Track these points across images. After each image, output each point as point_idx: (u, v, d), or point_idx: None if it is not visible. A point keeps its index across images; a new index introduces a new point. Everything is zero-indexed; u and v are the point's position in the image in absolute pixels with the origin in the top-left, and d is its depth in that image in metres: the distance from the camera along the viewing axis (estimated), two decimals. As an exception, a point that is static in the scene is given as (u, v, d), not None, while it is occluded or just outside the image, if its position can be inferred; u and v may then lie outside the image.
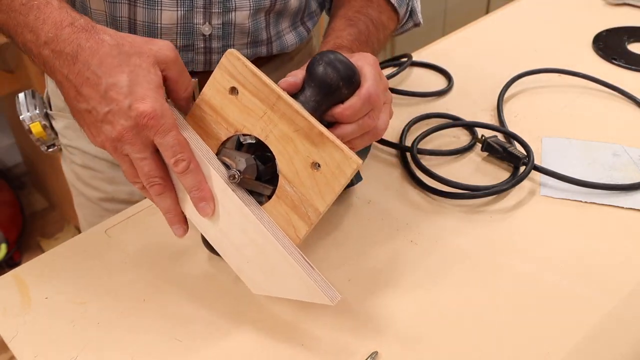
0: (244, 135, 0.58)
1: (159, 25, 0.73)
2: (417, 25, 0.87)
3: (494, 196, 0.76)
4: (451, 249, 0.69)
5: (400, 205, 0.75)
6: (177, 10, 0.73)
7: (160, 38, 0.74)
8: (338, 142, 0.54)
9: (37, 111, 0.87)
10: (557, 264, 0.67)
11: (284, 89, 0.57)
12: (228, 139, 0.59)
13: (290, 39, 0.84)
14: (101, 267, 0.67)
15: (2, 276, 0.67)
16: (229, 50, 0.55)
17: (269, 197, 0.58)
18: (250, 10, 0.75)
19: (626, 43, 1.08)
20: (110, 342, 0.60)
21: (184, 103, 0.59)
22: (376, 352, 0.58)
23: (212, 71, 0.79)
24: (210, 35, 0.75)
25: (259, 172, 0.59)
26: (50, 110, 0.88)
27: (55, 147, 0.92)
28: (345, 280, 0.66)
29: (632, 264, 0.67)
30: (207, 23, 0.74)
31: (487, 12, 2.51)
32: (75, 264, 0.68)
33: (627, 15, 1.18)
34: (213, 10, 0.74)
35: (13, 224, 1.99)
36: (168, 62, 0.55)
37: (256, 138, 0.57)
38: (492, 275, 0.66)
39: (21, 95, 0.87)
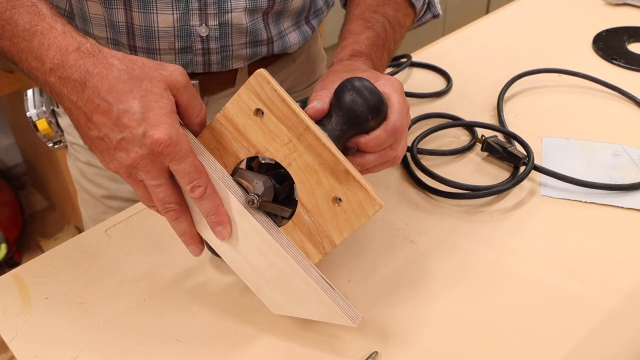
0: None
1: (156, 28, 0.73)
2: (435, 16, 0.86)
3: (494, 196, 0.76)
4: (451, 249, 0.69)
5: (400, 205, 0.75)
6: (173, 13, 0.72)
7: (159, 41, 0.74)
8: (363, 181, 0.54)
9: (44, 108, 0.86)
10: (557, 264, 0.67)
11: (310, 116, 0.56)
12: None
13: (293, 38, 0.84)
14: (101, 267, 0.67)
15: (2, 276, 0.67)
16: (258, 70, 0.53)
17: (284, 217, 0.58)
18: (245, 10, 0.75)
19: (626, 43, 1.08)
20: (110, 342, 0.60)
21: (196, 129, 0.57)
22: (376, 352, 0.58)
23: (213, 72, 0.79)
24: (207, 36, 0.75)
25: (275, 192, 0.58)
26: (57, 107, 0.89)
27: (61, 144, 0.92)
28: (345, 280, 0.66)
29: (632, 264, 0.67)
30: (203, 24, 0.74)
31: (487, 12, 2.52)
32: (75, 264, 0.68)
33: (627, 15, 1.18)
34: (209, 12, 0.73)
35: (13, 224, 1.99)
36: (179, 88, 0.54)
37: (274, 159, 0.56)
38: (492, 275, 0.66)
39: (29, 92, 0.87)
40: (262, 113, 0.54)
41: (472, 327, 0.61)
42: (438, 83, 0.99)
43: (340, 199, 0.54)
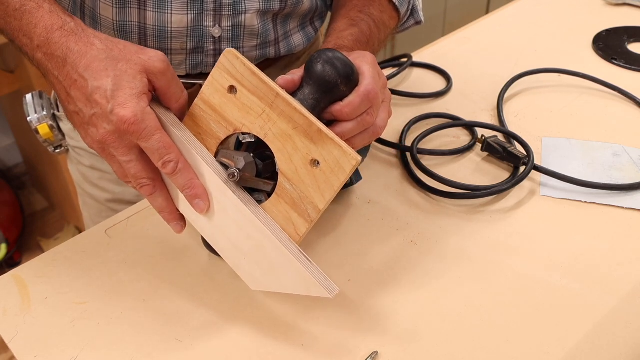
0: (243, 134, 0.58)
1: (169, 28, 0.73)
2: (418, 23, 0.87)
3: (494, 196, 0.76)
4: (451, 249, 0.69)
5: (400, 205, 0.75)
6: (187, 14, 0.73)
7: (171, 41, 0.74)
8: (337, 139, 0.54)
9: (45, 112, 0.87)
10: (557, 264, 0.67)
11: (281, 86, 0.57)
12: (227, 138, 0.59)
13: (297, 39, 0.84)
14: (101, 267, 0.67)
15: (2, 276, 0.67)
16: (227, 49, 0.56)
17: (269, 194, 0.59)
18: (258, 12, 0.75)
19: (626, 43, 1.08)
20: (110, 342, 0.60)
21: (176, 114, 0.59)
22: (376, 352, 0.58)
23: None
24: (220, 37, 0.75)
25: (258, 171, 0.59)
26: (58, 111, 0.88)
27: (62, 149, 0.92)
28: (345, 280, 0.66)
29: (632, 264, 0.67)
30: (217, 25, 0.74)
31: (487, 12, 2.52)
32: (75, 264, 0.68)
33: (627, 15, 1.18)
34: (223, 13, 0.74)
35: (13, 224, 1.99)
36: (156, 73, 0.55)
37: (255, 137, 0.58)
38: (492, 275, 0.66)
39: (28, 97, 0.87)
40: (236, 90, 0.57)
41: (472, 327, 0.61)
42: (438, 83, 0.99)
43: (318, 162, 0.55)
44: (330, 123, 0.59)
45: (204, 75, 0.79)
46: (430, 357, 0.58)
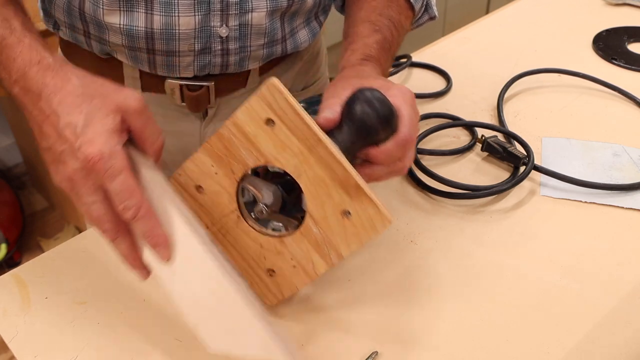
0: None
1: (176, 31, 0.73)
2: (432, 18, 0.86)
3: (494, 196, 0.76)
4: (451, 249, 0.69)
5: (400, 205, 0.75)
6: (195, 15, 0.72)
7: (179, 43, 0.74)
8: (374, 197, 0.53)
9: None
10: (557, 263, 0.67)
11: (321, 125, 0.55)
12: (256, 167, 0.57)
13: (303, 35, 0.84)
14: (101, 267, 0.67)
15: (2, 276, 0.67)
16: (270, 79, 0.53)
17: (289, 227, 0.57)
18: (266, 11, 0.75)
19: (626, 43, 1.08)
20: (110, 342, 0.60)
21: (152, 157, 0.56)
22: (376, 352, 0.58)
23: (229, 74, 0.79)
24: (227, 37, 0.75)
25: (283, 201, 0.57)
26: None
27: None
28: (346, 280, 0.66)
29: (632, 264, 0.67)
30: (224, 25, 0.74)
31: (487, 12, 2.52)
32: (75, 264, 0.68)
33: (627, 15, 1.18)
34: (230, 12, 0.73)
35: (13, 224, 1.99)
36: (132, 112, 0.53)
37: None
38: (492, 275, 0.66)
39: None
40: (273, 123, 0.54)
41: (472, 326, 0.61)
42: (438, 83, 0.99)
43: (349, 212, 0.54)
44: (357, 159, 0.58)
45: (211, 77, 0.79)
46: (430, 356, 0.58)
